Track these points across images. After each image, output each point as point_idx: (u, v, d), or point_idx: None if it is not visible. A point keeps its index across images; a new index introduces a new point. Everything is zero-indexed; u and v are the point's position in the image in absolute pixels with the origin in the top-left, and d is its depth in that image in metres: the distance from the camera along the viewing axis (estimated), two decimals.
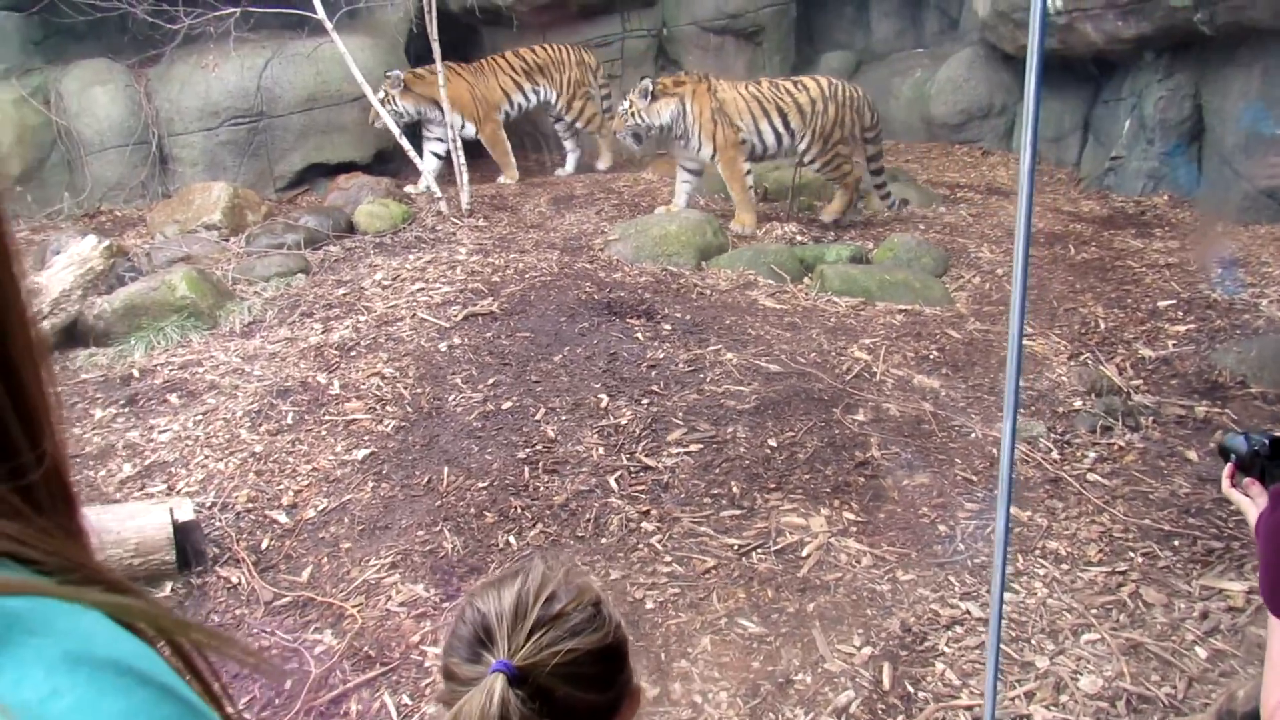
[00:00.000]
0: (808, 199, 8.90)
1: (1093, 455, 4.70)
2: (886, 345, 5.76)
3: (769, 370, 5.33)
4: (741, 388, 5.12)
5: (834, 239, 7.90)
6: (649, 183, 9.73)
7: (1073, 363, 5.61)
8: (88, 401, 5.39)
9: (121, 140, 9.38)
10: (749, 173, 8.21)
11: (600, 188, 9.63)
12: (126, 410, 5.27)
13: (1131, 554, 3.94)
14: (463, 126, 9.38)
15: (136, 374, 5.68)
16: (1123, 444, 4.77)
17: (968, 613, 3.54)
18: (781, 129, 8.07)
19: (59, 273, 6.36)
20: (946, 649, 3.37)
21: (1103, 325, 6.05)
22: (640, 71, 11.66)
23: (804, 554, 3.88)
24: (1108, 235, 7.75)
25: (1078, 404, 5.13)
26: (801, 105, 8.06)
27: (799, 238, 7.84)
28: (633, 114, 8.11)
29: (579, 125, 10.52)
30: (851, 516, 4.12)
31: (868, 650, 3.36)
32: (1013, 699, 3.13)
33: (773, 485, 4.32)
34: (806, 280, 6.96)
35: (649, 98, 8.03)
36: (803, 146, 8.09)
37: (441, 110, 8.95)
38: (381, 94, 9.01)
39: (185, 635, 0.54)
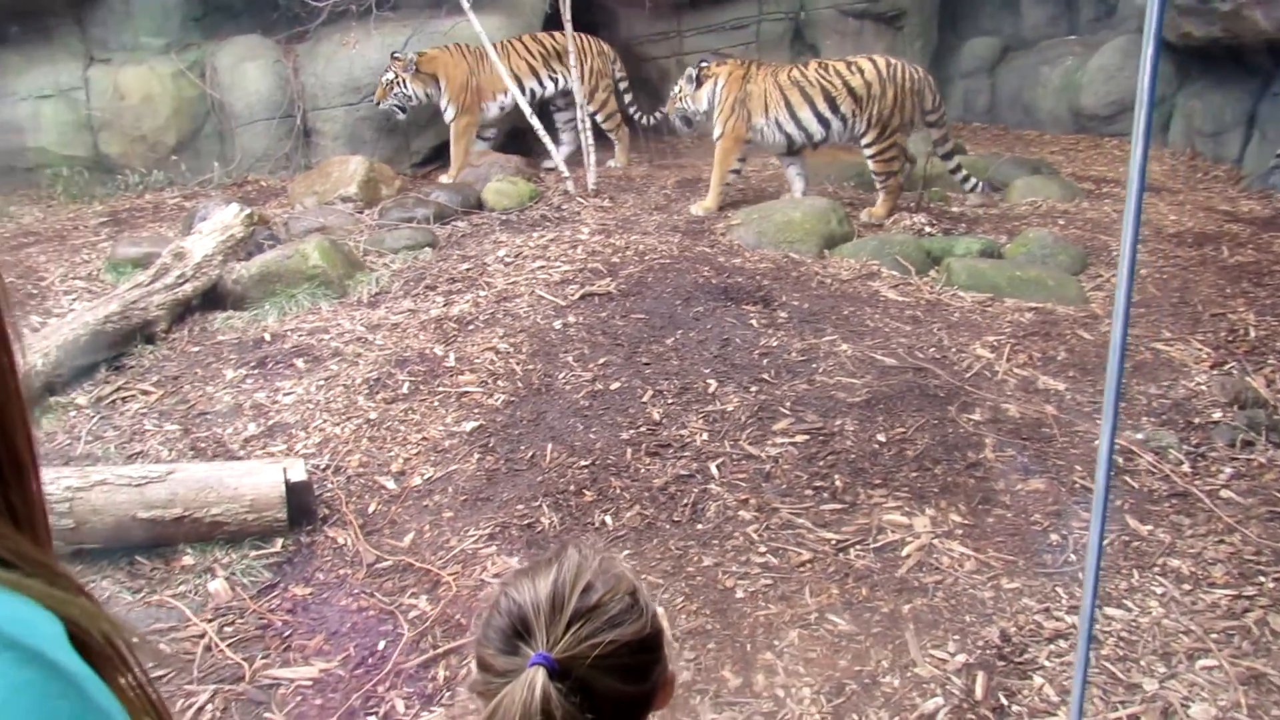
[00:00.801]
0: (940, 190, 8.64)
1: (1228, 471, 4.42)
2: (1012, 344, 5.54)
3: (884, 364, 5.19)
4: (854, 380, 5.01)
5: (965, 231, 7.64)
6: (777, 168, 9.59)
7: (1215, 372, 5.28)
8: (221, 362, 5.63)
9: (269, 113, 9.77)
10: (737, 170, 8.44)
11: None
12: (256, 372, 5.48)
13: (1262, 578, 3.70)
14: (445, 108, 9.31)
15: (268, 338, 5.90)
16: (1264, 460, 4.47)
17: (1073, 627, 3.38)
18: (829, 114, 7.95)
19: (202, 239, 6.67)
20: (1047, 663, 3.23)
21: (1253, 333, 5.68)
22: (776, 57, 11.53)
23: (904, 554, 3.77)
24: (1267, 238, 7.27)
25: (1217, 415, 4.83)
26: (854, 89, 7.90)
27: (928, 229, 7.61)
28: (680, 99, 8.39)
29: (598, 118, 9.79)
30: (958, 519, 3.98)
31: (962, 658, 3.25)
32: None
33: (878, 481, 4.21)
34: (932, 273, 6.75)
35: (695, 83, 8.21)
36: (860, 130, 7.96)
37: (440, 90, 9.12)
38: (390, 75, 9.04)
39: (95, 626, 0.56)
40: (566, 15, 8.52)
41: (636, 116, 10.11)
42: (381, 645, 3.43)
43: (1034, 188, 8.60)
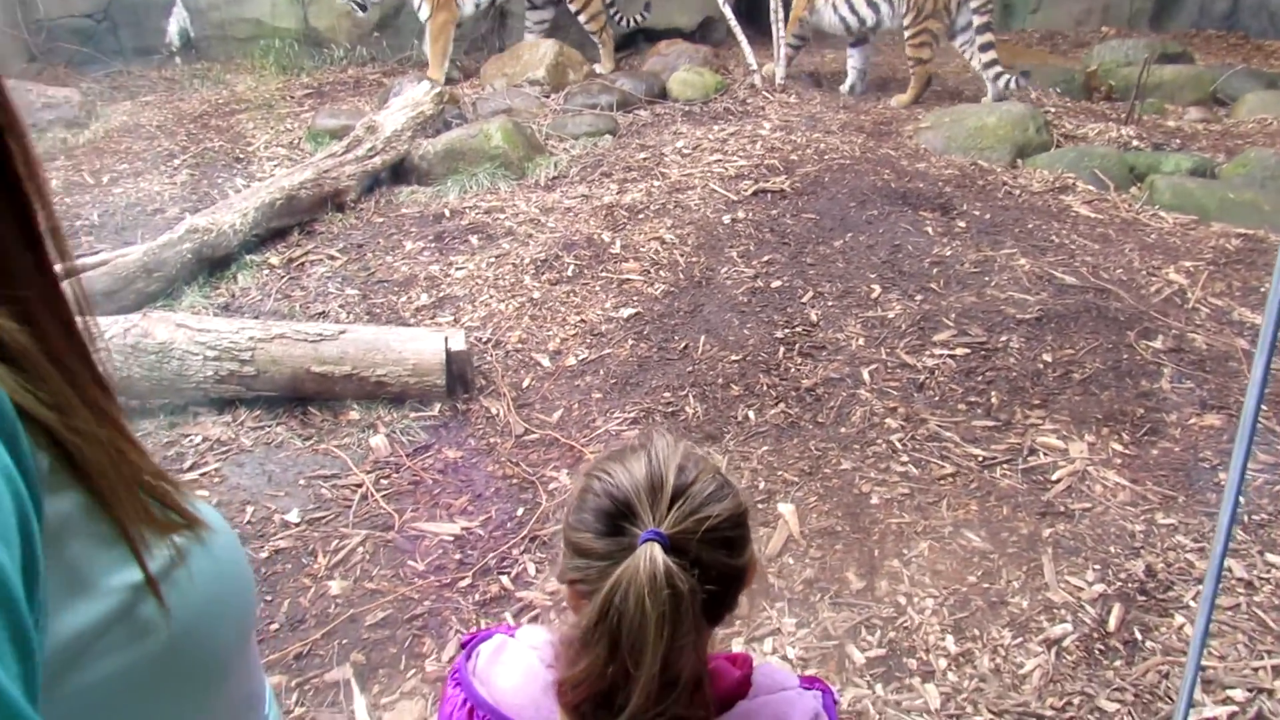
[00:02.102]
0: (1159, 101, 8.01)
1: None
2: (1210, 271, 5.15)
3: (1063, 281, 4.93)
4: (1027, 296, 4.78)
5: (1178, 147, 7.08)
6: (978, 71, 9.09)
7: None
8: (402, 234, 5.87)
9: None
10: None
11: None
12: (433, 245, 5.69)
13: None
14: (419, 5, 8.85)
15: (447, 214, 6.11)
16: None
17: (1229, 570, 3.20)
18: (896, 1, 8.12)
19: (394, 114, 6.90)
20: (1192, 603, 3.07)
21: None
22: None
23: (1054, 477, 3.63)
24: None
25: None
26: None
27: (1135, 143, 7.09)
28: None
29: (581, 18, 9.35)
30: (1118, 447, 3.79)
31: (1099, 588, 3.13)
32: (1256, 670, 2.82)
33: (1036, 402, 4.05)
34: (1134, 190, 6.32)
35: None
36: (903, 10, 8.08)
37: None
38: None
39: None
40: None
41: (616, 18, 9.69)
42: (520, 511, 3.58)
43: (1265, 104, 7.86)
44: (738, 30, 8.66)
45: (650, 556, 1.11)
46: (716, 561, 1.16)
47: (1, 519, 0.51)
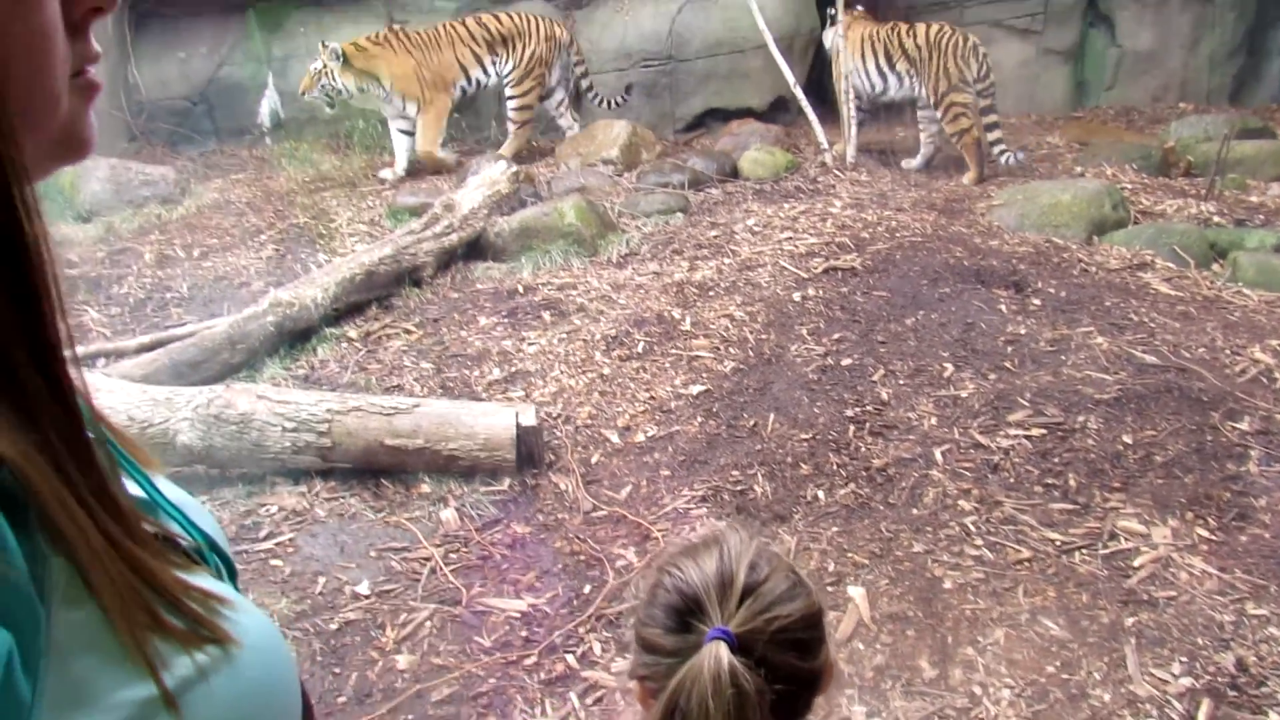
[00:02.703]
0: (1240, 176, 7.88)
1: None
2: None
3: (1143, 360, 4.83)
4: (1105, 376, 4.69)
5: (1261, 223, 6.94)
6: (1053, 147, 9.06)
7: None
8: (477, 309, 5.97)
9: None
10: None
11: None
12: (506, 321, 5.79)
13: None
14: (404, 108, 8.75)
15: (520, 290, 6.21)
16: None
17: None
18: (887, 70, 8.47)
19: (471, 192, 7.09)
20: None
21: None
22: (1065, 29, 10.85)
23: (1136, 564, 3.52)
24: None
25: None
26: (908, 49, 8.36)
27: (1216, 220, 6.97)
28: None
29: (512, 103, 9.22)
30: (1204, 533, 3.67)
31: (1187, 681, 3.01)
32: None
33: (1117, 485, 3.94)
34: (1215, 267, 6.20)
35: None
36: (920, 88, 8.36)
37: (384, 87, 8.50)
38: (318, 64, 8.45)
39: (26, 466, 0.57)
40: None
41: (596, 102, 9.71)
42: (587, 589, 3.57)
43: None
44: (808, 109, 8.76)
45: (715, 655, 1.09)
46: (786, 663, 1.14)
47: None
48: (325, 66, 8.40)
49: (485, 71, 9.09)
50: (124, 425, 3.96)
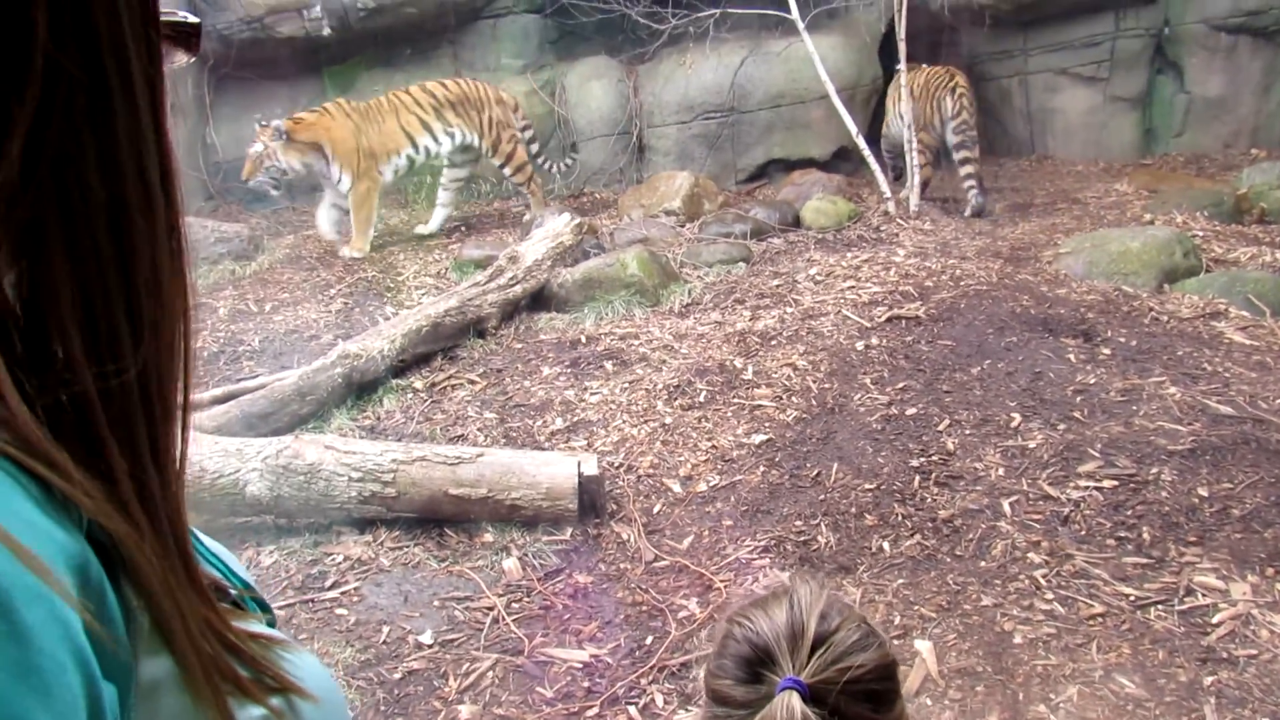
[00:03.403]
0: None
1: None
2: None
3: (1217, 411, 4.71)
4: (1179, 427, 4.58)
5: None
6: (1121, 194, 8.94)
7: None
8: (540, 359, 6.04)
9: (608, 130, 10.35)
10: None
11: (1064, 197, 9.03)
12: (569, 371, 5.84)
13: None
14: (339, 178, 8.36)
15: (583, 340, 6.27)
16: None
17: None
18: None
19: (535, 244, 7.19)
20: None
21: None
22: (1132, 75, 10.75)
23: (1214, 620, 3.41)
24: None
25: None
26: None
27: None
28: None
29: (506, 171, 9.11)
30: None
31: None
32: None
33: (1193, 539, 3.83)
34: None
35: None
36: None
37: (326, 156, 8.16)
38: (259, 147, 8.11)
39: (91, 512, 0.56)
40: (901, 34, 8.41)
41: (546, 167, 9.63)
42: (649, 640, 3.55)
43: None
44: (871, 158, 8.77)
45: (788, 705, 1.09)
46: (860, 714, 1.13)
47: (69, 706, 0.49)
48: (267, 148, 8.06)
49: (436, 139, 8.78)
50: (197, 476, 4.07)
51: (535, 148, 9.55)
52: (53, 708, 0.48)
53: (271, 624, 0.83)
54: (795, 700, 1.09)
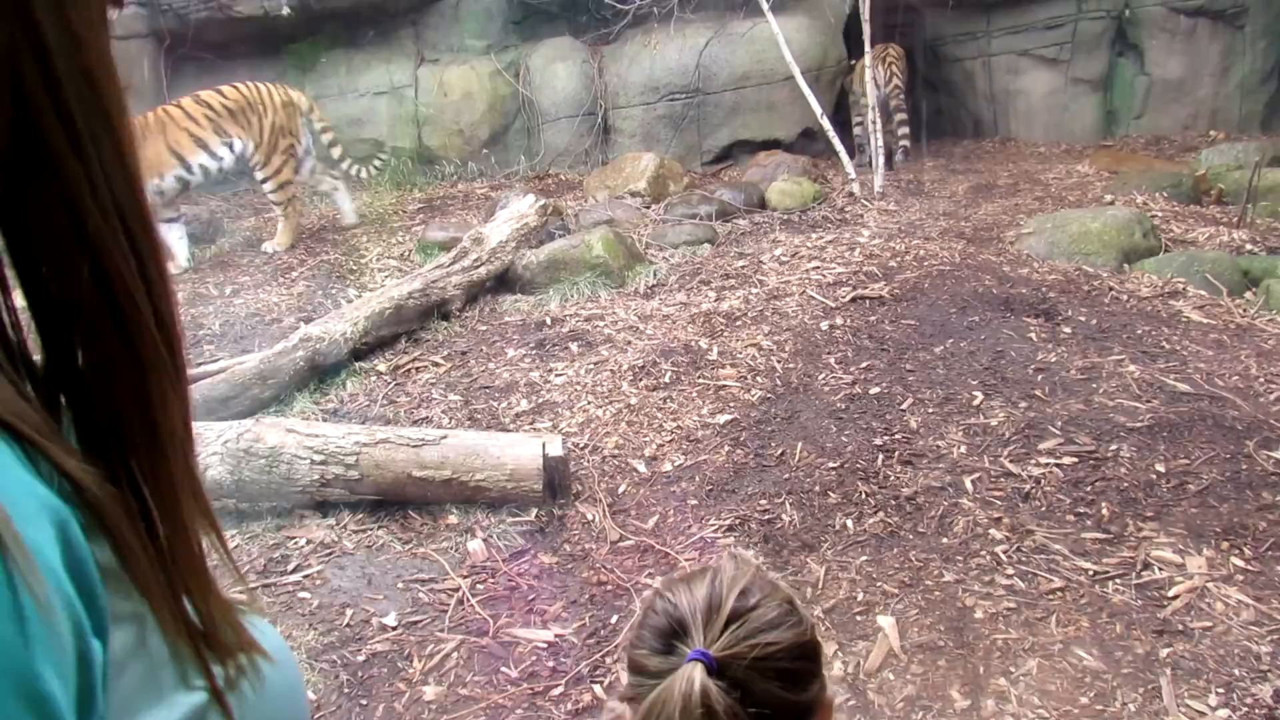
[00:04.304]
0: (1272, 204, 7.80)
1: None
2: None
3: (1175, 389, 4.78)
4: (1137, 404, 4.64)
5: None
6: (1082, 175, 9.02)
7: None
8: (505, 341, 6.01)
9: (572, 111, 10.30)
10: None
11: (1026, 178, 9.10)
12: (534, 352, 5.81)
13: None
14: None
15: (548, 321, 6.25)
16: None
17: None
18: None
19: (499, 225, 7.15)
20: None
21: None
22: (1093, 58, 10.83)
23: (1170, 594, 3.46)
24: None
25: None
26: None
27: (1249, 247, 6.90)
28: None
29: (268, 188, 8.15)
30: (1240, 563, 3.60)
31: (1224, 713, 2.94)
32: None
33: (1150, 514, 3.88)
34: (1248, 295, 6.12)
35: None
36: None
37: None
38: None
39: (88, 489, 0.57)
40: (865, 15, 8.41)
41: (350, 170, 8.99)
42: (614, 619, 3.55)
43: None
44: (836, 140, 8.78)
45: (689, 676, 1.10)
46: (769, 692, 1.14)
47: (60, 653, 0.50)
48: None
49: (214, 154, 7.85)
50: None
51: (338, 151, 8.91)
52: (50, 657, 0.49)
53: None
54: (698, 671, 1.10)
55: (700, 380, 5.21)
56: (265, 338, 6.13)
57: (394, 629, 3.58)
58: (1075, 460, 4.24)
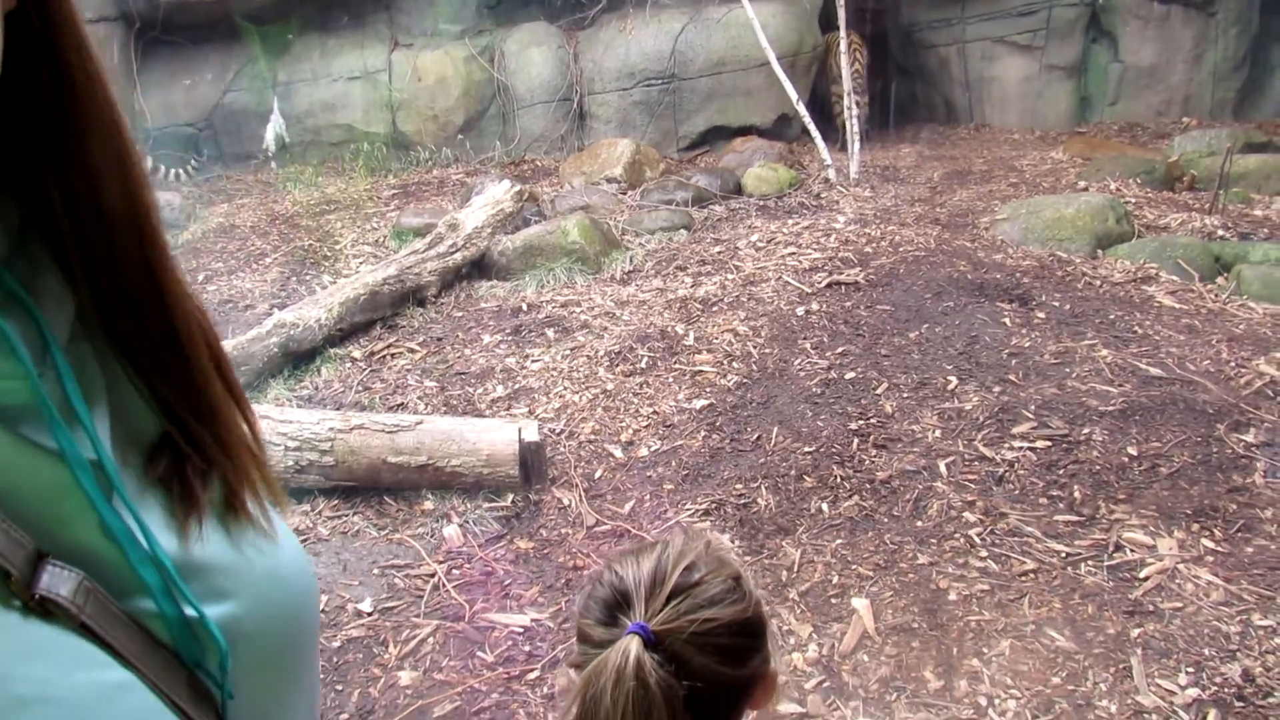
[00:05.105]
0: (1244, 190, 7.87)
1: None
2: None
3: (1147, 373, 4.81)
4: (1110, 388, 4.67)
5: (1266, 237, 6.93)
6: (1056, 162, 9.07)
7: None
8: (481, 327, 5.99)
9: (548, 97, 10.25)
10: None
11: (1001, 165, 9.14)
12: (510, 338, 5.80)
13: None
14: None
15: (524, 307, 6.23)
16: None
17: None
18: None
19: (475, 211, 7.11)
20: None
21: None
22: (1067, 45, 10.88)
23: (1141, 575, 3.49)
24: None
25: None
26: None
27: (1220, 233, 6.96)
28: None
29: None
30: (1210, 544, 3.64)
31: (1194, 692, 2.98)
32: None
33: (1122, 496, 3.92)
34: (1219, 281, 6.18)
35: None
36: None
37: None
38: None
39: None
40: (840, 1, 8.41)
41: (164, 175, 8.99)
42: None
43: None
44: (812, 126, 8.78)
45: (625, 649, 1.10)
46: (705, 666, 1.15)
47: None
48: None
49: None
50: None
51: (149, 162, 8.76)
52: None
53: None
54: (635, 643, 1.11)
55: (676, 366, 5.21)
56: (238, 324, 6.08)
57: (369, 615, 3.57)
58: (1048, 444, 4.27)
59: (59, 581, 0.57)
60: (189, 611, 0.64)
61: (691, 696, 1.12)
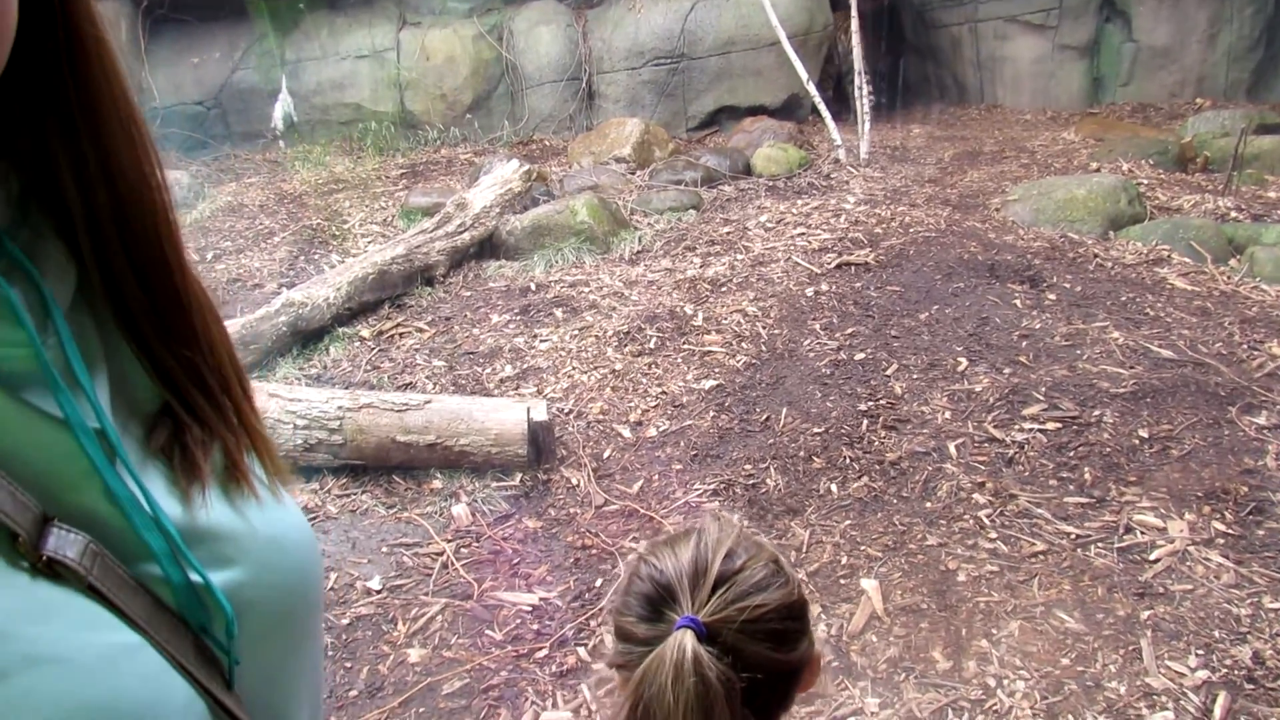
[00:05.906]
0: (1257, 172, 7.81)
1: None
2: None
3: (1159, 355, 4.79)
4: (1121, 370, 4.65)
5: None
6: (1068, 143, 9.01)
7: None
8: (489, 307, 5.98)
9: (557, 76, 10.21)
10: None
11: (1012, 145, 9.08)
12: (519, 318, 5.79)
13: None
14: None
15: (533, 287, 6.21)
16: None
17: None
18: None
19: (483, 191, 7.09)
20: None
21: None
22: (1080, 24, 10.79)
23: (1152, 557, 3.48)
24: None
25: None
26: None
27: (1233, 215, 6.91)
28: None
29: None
30: (1221, 527, 3.62)
31: (1203, 674, 2.97)
32: None
33: (1133, 479, 3.90)
34: (1232, 263, 6.14)
35: None
36: None
37: None
38: None
39: None
40: None
41: None
42: (599, 583, 3.56)
43: None
44: (822, 106, 8.73)
45: (680, 644, 1.08)
46: (759, 654, 1.12)
47: None
48: None
49: None
50: None
51: None
52: None
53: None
54: (689, 638, 1.08)
55: (685, 346, 5.20)
56: (247, 303, 6.08)
57: (378, 593, 3.58)
58: (1059, 425, 4.26)
59: (66, 544, 0.57)
60: (194, 577, 0.64)
61: (749, 688, 1.10)
